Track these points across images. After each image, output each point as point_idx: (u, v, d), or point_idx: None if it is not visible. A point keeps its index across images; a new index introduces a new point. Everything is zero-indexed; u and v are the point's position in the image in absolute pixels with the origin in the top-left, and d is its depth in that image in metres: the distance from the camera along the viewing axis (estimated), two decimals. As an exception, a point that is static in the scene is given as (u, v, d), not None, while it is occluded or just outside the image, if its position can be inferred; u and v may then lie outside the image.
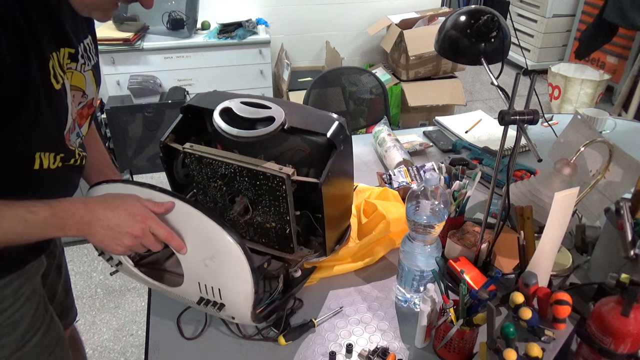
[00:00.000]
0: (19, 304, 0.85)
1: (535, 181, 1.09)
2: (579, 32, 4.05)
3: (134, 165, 2.90)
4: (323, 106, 2.11)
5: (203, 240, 0.76)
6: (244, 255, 0.74)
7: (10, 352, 0.86)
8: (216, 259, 0.76)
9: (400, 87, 3.18)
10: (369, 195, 1.20)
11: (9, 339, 0.85)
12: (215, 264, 0.76)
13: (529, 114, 0.79)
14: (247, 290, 0.76)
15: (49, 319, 0.93)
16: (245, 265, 0.74)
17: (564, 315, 0.83)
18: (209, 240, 0.75)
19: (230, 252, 0.74)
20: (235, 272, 0.75)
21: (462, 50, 0.92)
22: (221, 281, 0.78)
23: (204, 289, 0.80)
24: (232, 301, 0.79)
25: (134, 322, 2.01)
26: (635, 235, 0.89)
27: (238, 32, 3.03)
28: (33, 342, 0.88)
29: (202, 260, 0.77)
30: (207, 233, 0.74)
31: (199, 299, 0.82)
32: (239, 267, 0.74)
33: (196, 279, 0.80)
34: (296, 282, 0.93)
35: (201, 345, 0.88)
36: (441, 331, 0.83)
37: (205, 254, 0.76)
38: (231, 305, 0.80)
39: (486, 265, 1.01)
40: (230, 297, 0.79)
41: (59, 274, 1.09)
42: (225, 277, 0.77)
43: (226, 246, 0.74)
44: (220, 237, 0.73)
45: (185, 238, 0.77)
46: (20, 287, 0.86)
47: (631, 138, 1.64)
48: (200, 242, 0.76)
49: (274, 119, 0.87)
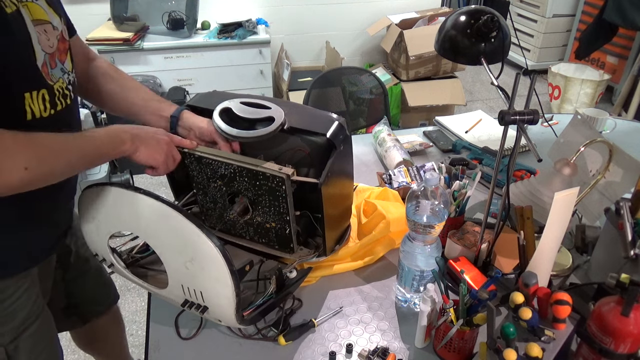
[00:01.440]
0: (18, 293, 0.87)
1: (535, 181, 1.09)
2: (579, 32, 4.05)
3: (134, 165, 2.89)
4: (323, 106, 2.11)
5: (183, 243, 0.75)
6: (222, 258, 0.73)
7: (9, 340, 0.88)
8: (195, 261, 0.75)
9: (400, 87, 3.18)
10: (369, 195, 1.20)
11: (6, 328, 0.87)
12: (195, 266, 0.75)
13: (529, 114, 0.79)
14: (228, 294, 0.75)
15: (43, 310, 0.96)
16: (225, 268, 0.73)
17: (564, 315, 0.83)
18: (188, 242, 0.74)
19: (209, 255, 0.73)
20: (215, 276, 0.75)
21: (462, 50, 0.92)
22: (202, 284, 0.77)
23: (187, 292, 0.80)
24: (214, 304, 0.78)
25: (134, 322, 2.01)
26: (635, 235, 0.89)
27: (238, 32, 3.03)
28: (29, 332, 0.90)
29: (182, 263, 0.76)
30: (186, 235, 0.73)
31: (183, 301, 0.82)
32: (218, 270, 0.74)
33: (179, 281, 0.80)
34: (291, 282, 0.92)
35: (201, 345, 0.88)
36: (441, 331, 0.83)
37: (185, 257, 0.76)
38: (215, 308, 0.79)
39: (486, 265, 1.01)
40: (212, 300, 0.78)
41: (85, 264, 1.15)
42: (206, 280, 0.76)
43: (205, 249, 0.73)
44: (199, 239, 0.73)
45: (166, 240, 0.77)
46: (21, 278, 0.87)
47: (631, 138, 1.64)
48: (180, 245, 0.75)
49: (274, 119, 0.87)
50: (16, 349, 0.89)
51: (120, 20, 2.92)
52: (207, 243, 0.72)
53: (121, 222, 0.82)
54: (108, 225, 0.83)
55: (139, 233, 0.82)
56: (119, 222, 0.82)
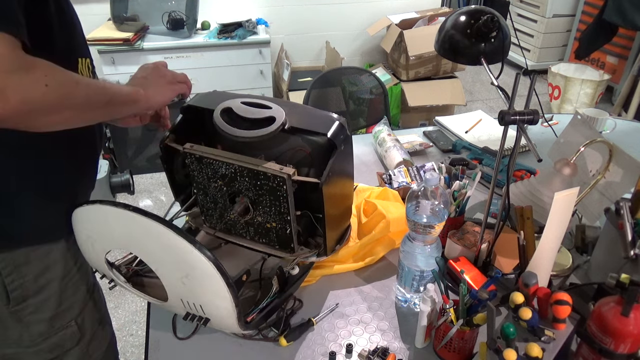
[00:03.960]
0: (77, 266, 0.91)
1: (535, 181, 1.09)
2: (579, 32, 4.05)
3: (134, 165, 2.90)
4: (323, 106, 2.11)
5: (176, 260, 0.74)
6: (217, 272, 0.72)
7: (78, 312, 0.91)
8: (191, 276, 0.74)
9: (400, 87, 3.18)
10: (369, 195, 1.20)
11: (77, 297, 0.91)
12: (191, 281, 0.75)
13: (529, 114, 0.79)
14: (227, 306, 0.75)
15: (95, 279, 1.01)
16: (221, 282, 0.72)
17: (564, 315, 0.83)
18: (181, 259, 0.73)
19: (203, 270, 0.72)
20: (212, 290, 0.74)
21: (462, 50, 0.92)
22: (201, 298, 0.77)
23: (187, 305, 0.79)
24: (215, 315, 0.78)
25: (134, 322, 2.01)
26: (635, 235, 0.89)
27: (238, 32, 3.03)
28: (92, 301, 0.96)
29: (179, 279, 0.76)
30: (179, 252, 0.73)
31: (185, 314, 0.81)
32: (215, 284, 0.73)
33: (178, 296, 0.79)
34: (293, 279, 0.92)
35: (201, 345, 0.88)
36: (441, 331, 0.83)
37: (181, 273, 0.75)
38: (216, 319, 0.79)
39: (486, 265, 1.01)
40: (213, 312, 0.78)
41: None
42: (204, 294, 0.76)
43: (199, 265, 0.72)
44: (192, 256, 0.72)
45: (159, 257, 0.76)
46: (76, 251, 0.90)
47: (631, 138, 1.64)
48: (174, 261, 0.75)
49: (275, 119, 0.87)
50: (83, 321, 0.92)
51: (120, 20, 2.92)
52: (201, 258, 0.71)
53: (114, 240, 0.81)
54: (103, 243, 0.82)
55: (133, 250, 0.82)
56: (112, 240, 0.81)
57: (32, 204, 0.81)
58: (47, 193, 0.82)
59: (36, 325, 0.86)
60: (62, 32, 0.76)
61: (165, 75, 0.88)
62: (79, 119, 0.70)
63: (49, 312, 0.87)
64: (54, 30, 0.74)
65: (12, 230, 0.80)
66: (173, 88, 0.89)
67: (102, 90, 0.72)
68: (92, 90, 0.70)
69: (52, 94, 0.62)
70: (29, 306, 0.84)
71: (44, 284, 0.85)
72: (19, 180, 0.78)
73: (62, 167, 0.83)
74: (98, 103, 0.71)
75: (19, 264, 0.81)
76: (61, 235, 0.86)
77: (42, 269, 0.84)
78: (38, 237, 0.83)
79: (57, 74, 0.64)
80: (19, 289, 0.82)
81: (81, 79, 0.70)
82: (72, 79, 0.66)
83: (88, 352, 0.95)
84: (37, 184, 0.80)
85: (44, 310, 0.86)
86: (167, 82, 0.88)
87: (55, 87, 0.62)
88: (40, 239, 0.83)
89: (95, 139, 0.92)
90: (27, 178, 0.79)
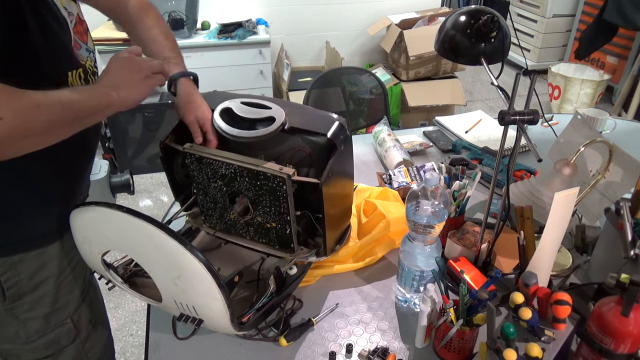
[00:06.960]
0: (72, 265, 0.91)
1: (535, 181, 1.09)
2: (579, 32, 4.05)
3: (134, 165, 2.90)
4: (323, 106, 2.11)
5: (169, 261, 0.74)
6: (208, 273, 0.72)
7: (73, 309, 0.92)
8: (183, 278, 0.74)
9: (400, 87, 3.18)
10: (369, 195, 1.20)
11: (73, 295, 0.91)
12: (183, 283, 0.75)
13: (529, 114, 0.79)
14: (220, 307, 0.75)
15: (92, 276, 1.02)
16: (212, 283, 0.72)
17: (564, 315, 0.83)
18: (173, 260, 0.73)
19: (195, 272, 0.72)
20: (204, 291, 0.74)
21: (462, 50, 0.92)
22: (193, 299, 0.77)
23: (181, 306, 0.79)
24: (208, 317, 0.78)
25: (134, 322, 2.01)
26: (635, 235, 0.89)
27: (238, 32, 3.03)
28: (88, 298, 0.96)
29: (171, 280, 0.76)
30: (170, 253, 0.73)
31: (179, 315, 0.81)
32: (206, 285, 0.73)
33: (171, 297, 0.79)
34: (291, 279, 0.92)
35: (201, 346, 0.88)
36: (441, 331, 0.83)
37: (173, 274, 0.75)
38: (209, 320, 0.79)
39: (486, 265, 1.01)
40: (206, 313, 0.78)
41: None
42: (196, 295, 0.76)
43: (190, 266, 0.72)
44: (184, 257, 0.72)
45: (152, 258, 0.77)
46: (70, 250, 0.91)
47: (631, 138, 1.64)
48: (166, 262, 0.75)
49: (275, 119, 0.87)
50: (79, 319, 0.93)
51: (120, 20, 2.92)
52: (192, 260, 0.71)
53: (109, 241, 0.81)
54: (99, 245, 0.82)
55: (127, 252, 0.82)
56: (107, 242, 0.82)
57: (26, 208, 0.81)
58: (40, 197, 0.83)
59: (32, 322, 0.87)
60: (48, 50, 0.74)
61: (140, 70, 0.81)
62: (47, 140, 0.69)
63: (45, 310, 0.87)
64: (38, 50, 0.72)
65: (6, 236, 0.81)
66: (149, 83, 0.82)
67: (68, 106, 0.69)
68: (57, 110, 0.68)
69: (8, 125, 0.61)
70: (24, 303, 0.85)
71: (39, 281, 0.85)
72: (11, 186, 0.78)
73: (54, 171, 0.83)
74: (64, 121, 0.70)
75: (14, 262, 0.82)
76: (56, 236, 0.87)
77: (37, 267, 0.85)
78: (33, 240, 0.84)
79: (13, 102, 0.62)
80: (15, 287, 0.83)
81: (44, 100, 0.67)
82: (32, 103, 0.65)
83: (84, 349, 0.96)
84: (29, 189, 0.81)
85: (39, 307, 0.87)
86: (143, 77, 0.81)
87: (11, 117, 0.61)
88: (35, 241, 0.84)
89: (90, 140, 0.92)
90: (19, 184, 0.79)
